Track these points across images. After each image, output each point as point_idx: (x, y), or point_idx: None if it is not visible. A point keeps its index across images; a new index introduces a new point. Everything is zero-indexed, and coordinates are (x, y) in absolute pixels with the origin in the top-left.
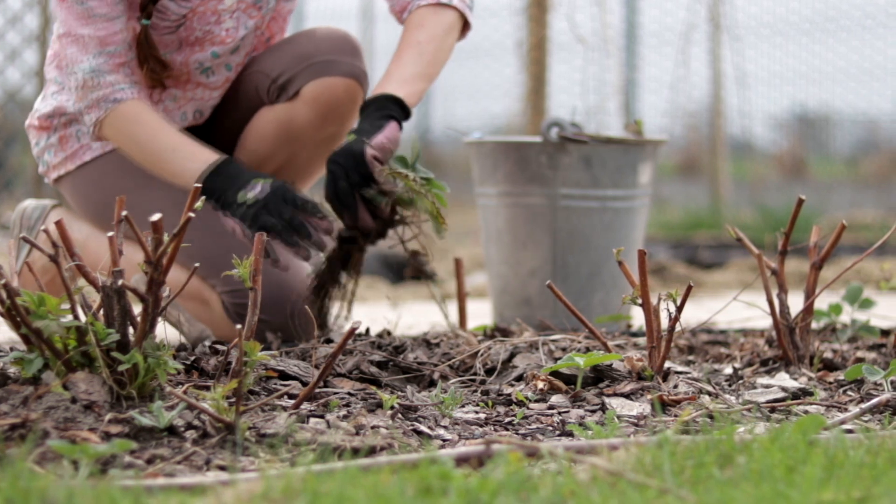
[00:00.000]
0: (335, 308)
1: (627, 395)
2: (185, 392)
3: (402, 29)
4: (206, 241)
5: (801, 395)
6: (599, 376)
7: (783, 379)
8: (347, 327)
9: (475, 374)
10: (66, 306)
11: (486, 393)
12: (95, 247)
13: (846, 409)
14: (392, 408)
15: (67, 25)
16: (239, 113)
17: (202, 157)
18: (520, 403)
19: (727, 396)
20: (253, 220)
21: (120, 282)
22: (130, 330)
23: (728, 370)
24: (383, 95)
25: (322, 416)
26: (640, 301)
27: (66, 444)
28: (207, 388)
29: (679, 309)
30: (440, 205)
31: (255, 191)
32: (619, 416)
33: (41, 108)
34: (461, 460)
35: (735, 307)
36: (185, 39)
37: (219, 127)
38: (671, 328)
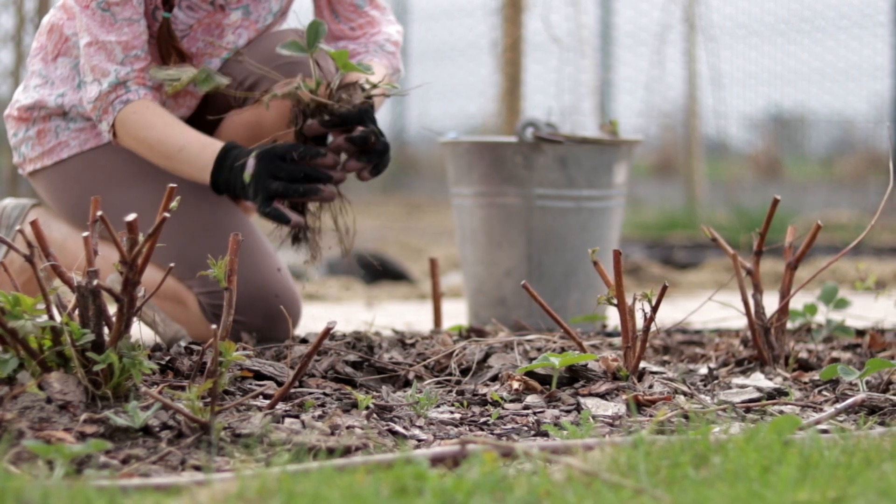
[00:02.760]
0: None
1: (603, 396)
2: (160, 392)
3: None
4: (183, 241)
5: (776, 395)
6: (575, 376)
7: (758, 379)
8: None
9: (450, 374)
10: (42, 306)
11: (461, 393)
12: (74, 247)
13: (821, 410)
14: (367, 408)
15: (92, 33)
16: (208, 117)
17: (206, 154)
18: (495, 403)
19: (702, 396)
20: (259, 199)
21: (95, 282)
22: (105, 330)
23: (703, 370)
24: None
25: (297, 417)
26: (615, 301)
27: (42, 445)
28: (182, 389)
29: (654, 309)
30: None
31: (249, 170)
32: (594, 417)
33: (22, 100)
34: (436, 460)
35: (710, 307)
36: (185, 51)
37: None
38: (646, 328)
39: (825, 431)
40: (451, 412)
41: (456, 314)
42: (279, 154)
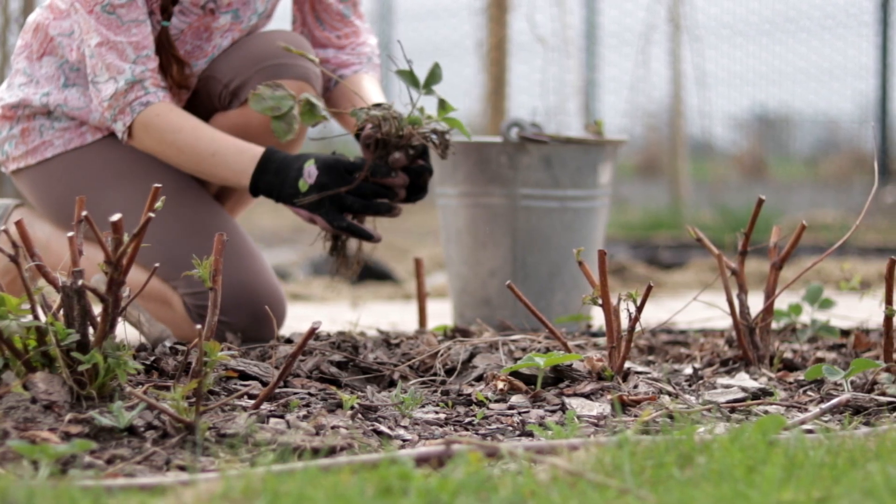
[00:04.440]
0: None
1: (587, 396)
2: (145, 392)
3: (354, 78)
4: (168, 241)
5: (761, 395)
6: (559, 376)
7: (743, 379)
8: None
9: (435, 374)
10: (26, 306)
11: (446, 393)
12: (58, 247)
13: (806, 410)
14: (352, 408)
15: (101, 34)
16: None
17: (244, 159)
18: (480, 404)
19: (687, 397)
20: (331, 212)
21: (80, 282)
22: (90, 330)
23: (688, 370)
24: None
25: (282, 417)
26: (600, 301)
27: (26, 445)
28: (167, 389)
29: (639, 309)
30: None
31: (311, 179)
32: (579, 417)
33: (6, 98)
34: (421, 460)
35: (695, 307)
36: (183, 59)
37: None
38: (631, 328)
39: (810, 431)
40: (436, 412)
41: (441, 314)
42: (347, 168)
